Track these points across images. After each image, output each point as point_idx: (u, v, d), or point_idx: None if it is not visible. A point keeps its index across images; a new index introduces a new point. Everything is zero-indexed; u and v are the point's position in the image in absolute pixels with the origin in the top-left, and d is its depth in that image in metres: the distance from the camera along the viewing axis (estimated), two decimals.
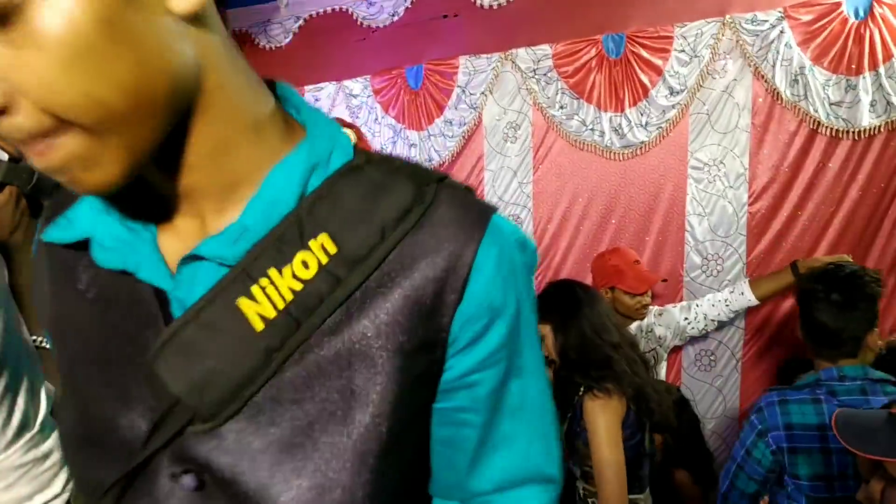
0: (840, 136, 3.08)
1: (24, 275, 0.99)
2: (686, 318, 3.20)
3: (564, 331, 2.37)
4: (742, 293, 3.12)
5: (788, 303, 3.21)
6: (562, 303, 2.43)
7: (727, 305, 3.15)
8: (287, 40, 4.01)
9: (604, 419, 2.20)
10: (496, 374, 0.70)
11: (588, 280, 3.50)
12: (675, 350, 3.36)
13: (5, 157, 0.94)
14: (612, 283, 3.09)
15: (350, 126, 2.77)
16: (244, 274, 0.62)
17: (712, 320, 3.19)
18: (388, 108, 3.77)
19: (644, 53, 3.29)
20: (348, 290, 0.64)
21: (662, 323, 3.23)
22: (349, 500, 0.63)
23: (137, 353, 0.64)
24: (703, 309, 3.19)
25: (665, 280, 3.31)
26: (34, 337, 0.97)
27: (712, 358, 3.38)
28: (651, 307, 3.26)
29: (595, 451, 2.20)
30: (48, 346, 1.02)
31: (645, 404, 2.28)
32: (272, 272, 0.62)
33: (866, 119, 3.02)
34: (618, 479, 2.15)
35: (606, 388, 2.22)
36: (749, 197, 3.24)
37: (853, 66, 3.01)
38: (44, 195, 0.97)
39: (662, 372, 3.33)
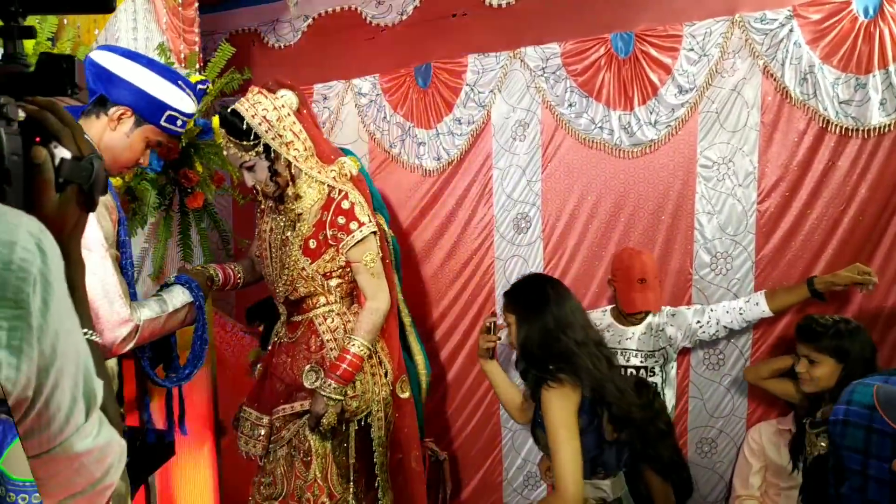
0: (849, 134, 3.08)
1: (76, 270, 0.98)
2: (699, 322, 3.20)
3: (528, 323, 2.44)
4: (757, 303, 3.13)
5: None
6: (529, 296, 2.51)
7: (741, 314, 3.16)
8: (296, 39, 4.01)
9: (557, 406, 2.29)
10: None
11: (597, 278, 3.51)
12: (684, 349, 3.35)
13: (68, 154, 0.94)
14: (614, 282, 3.26)
15: (290, 87, 2.78)
16: None
17: (724, 327, 3.19)
18: (396, 107, 3.78)
19: (653, 52, 3.30)
20: None
21: (674, 323, 3.22)
22: None
23: None
24: (717, 314, 3.19)
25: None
26: (84, 330, 0.96)
27: (721, 357, 3.36)
28: (664, 307, 3.26)
29: (550, 436, 2.29)
30: (97, 339, 1.02)
31: (601, 396, 2.33)
32: None
33: (876, 117, 3.02)
34: (571, 461, 2.24)
35: (559, 378, 2.30)
36: (758, 195, 3.24)
37: (863, 65, 3.02)
38: (98, 191, 0.98)
39: (672, 372, 3.32)
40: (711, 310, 3.22)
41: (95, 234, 2.00)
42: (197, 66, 3.11)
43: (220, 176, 3.13)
